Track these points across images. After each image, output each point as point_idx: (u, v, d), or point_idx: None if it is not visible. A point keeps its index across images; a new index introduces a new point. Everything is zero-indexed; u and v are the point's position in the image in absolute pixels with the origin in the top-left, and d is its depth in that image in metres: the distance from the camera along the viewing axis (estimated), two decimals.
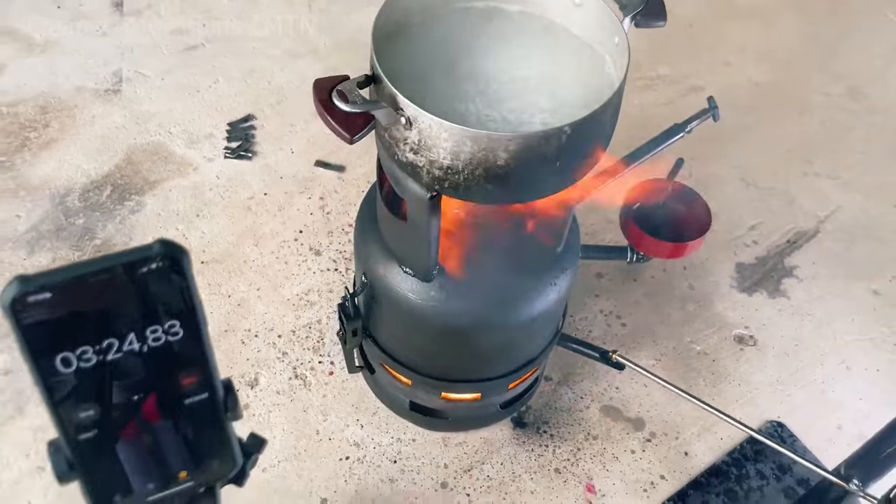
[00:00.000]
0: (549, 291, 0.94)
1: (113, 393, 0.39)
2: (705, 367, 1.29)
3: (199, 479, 0.44)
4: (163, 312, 0.38)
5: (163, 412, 0.41)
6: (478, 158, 0.72)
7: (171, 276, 0.37)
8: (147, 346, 0.38)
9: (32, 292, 0.35)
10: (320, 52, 1.71)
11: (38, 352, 0.36)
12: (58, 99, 1.55)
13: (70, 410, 0.38)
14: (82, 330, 0.36)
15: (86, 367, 0.37)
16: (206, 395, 0.41)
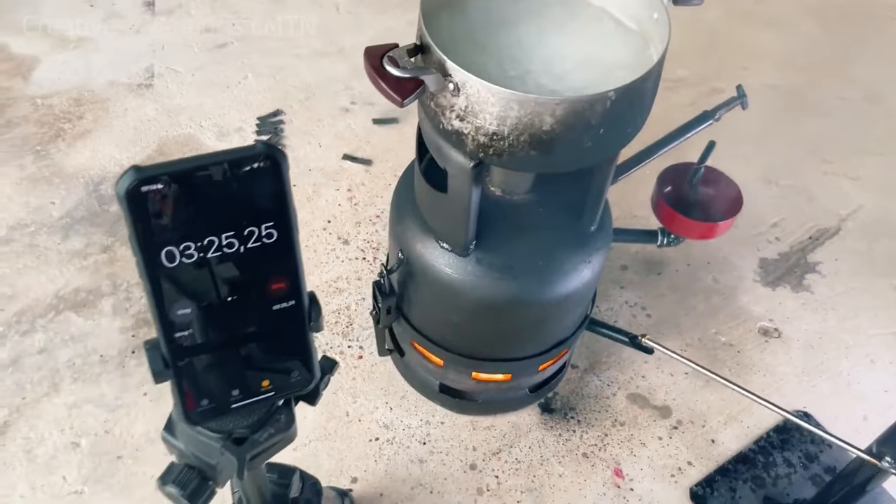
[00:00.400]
0: (583, 269, 0.96)
1: (209, 293, 0.40)
2: (730, 358, 1.30)
3: (280, 390, 0.45)
4: (260, 214, 0.40)
5: (252, 317, 0.42)
6: (524, 123, 0.74)
7: (270, 177, 0.39)
8: (243, 247, 0.40)
9: (146, 181, 0.36)
10: (347, 51, 1.75)
11: (146, 243, 0.38)
12: (91, 92, 1.59)
13: (169, 308, 0.40)
14: (187, 225, 0.38)
15: (187, 263, 0.39)
16: (293, 302, 0.43)
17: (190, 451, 0.49)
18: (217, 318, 0.41)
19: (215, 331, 0.42)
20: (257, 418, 0.47)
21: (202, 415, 0.44)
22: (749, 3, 2.02)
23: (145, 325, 1.24)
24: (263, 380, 0.45)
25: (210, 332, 0.42)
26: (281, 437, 0.48)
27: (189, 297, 0.40)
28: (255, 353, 0.44)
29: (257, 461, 0.48)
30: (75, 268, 1.30)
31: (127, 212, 0.37)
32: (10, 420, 1.12)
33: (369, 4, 1.87)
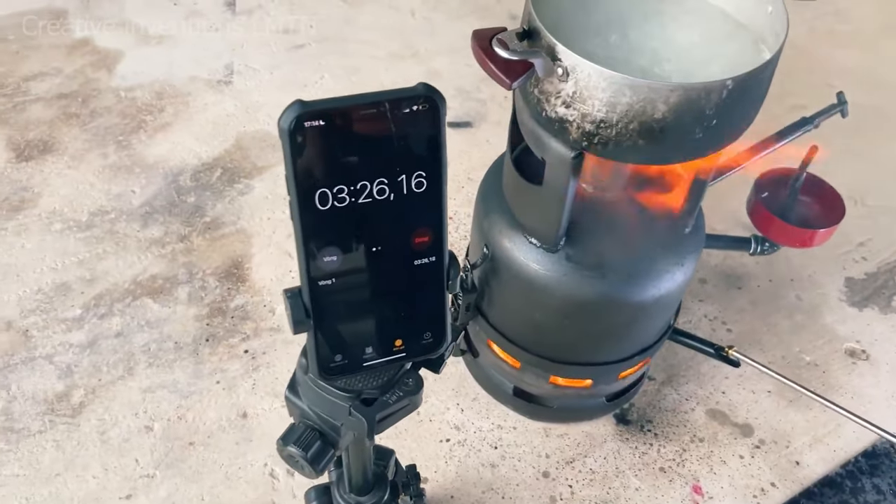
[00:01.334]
0: (675, 271, 0.93)
1: (355, 241, 0.39)
2: (816, 378, 1.24)
3: (412, 351, 0.43)
4: (413, 161, 0.38)
5: (393, 270, 0.41)
6: (634, 110, 0.71)
7: (427, 121, 0.38)
8: (393, 194, 0.38)
9: (309, 116, 0.35)
10: (422, 55, 1.75)
11: (302, 181, 0.37)
12: (172, 86, 1.61)
13: (316, 253, 0.39)
14: (342, 167, 0.37)
15: (338, 207, 0.38)
16: (434, 258, 0.41)
17: (314, 412, 0.48)
18: (359, 269, 0.40)
19: (356, 282, 0.40)
20: (387, 379, 0.46)
21: (335, 371, 0.42)
22: (831, 22, 1.97)
23: (219, 314, 1.24)
24: (397, 339, 0.43)
25: (351, 282, 0.40)
26: (409, 402, 0.46)
27: (336, 243, 0.39)
28: (392, 311, 0.42)
29: (385, 424, 0.47)
30: (153, 255, 1.31)
31: (287, 146, 0.36)
32: (85, 401, 1.12)
33: (444, 11, 1.88)
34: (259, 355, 1.19)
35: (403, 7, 1.88)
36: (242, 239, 1.35)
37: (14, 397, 1.12)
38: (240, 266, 1.31)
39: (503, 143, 1.51)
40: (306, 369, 0.46)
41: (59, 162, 1.44)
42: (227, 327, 1.23)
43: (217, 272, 1.30)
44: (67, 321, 1.21)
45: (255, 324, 1.23)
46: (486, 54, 0.73)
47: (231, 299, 1.26)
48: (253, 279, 1.30)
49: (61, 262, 1.29)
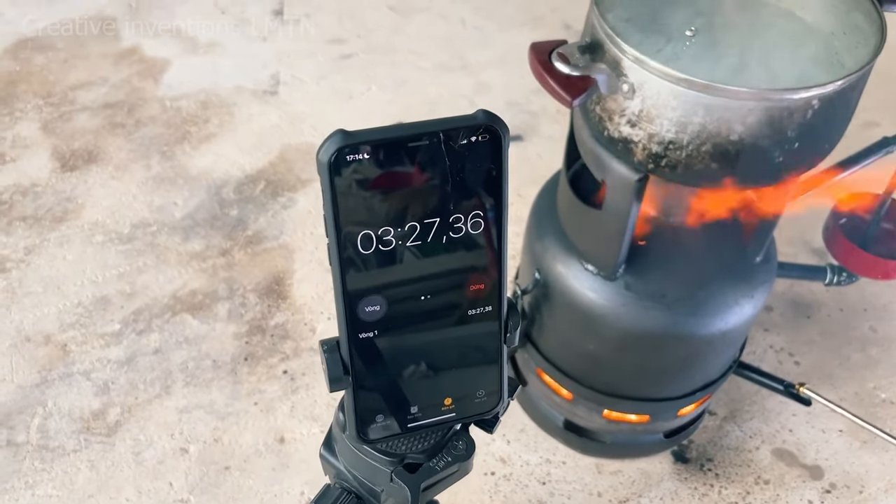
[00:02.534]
0: (744, 304, 0.85)
1: (402, 289, 0.34)
2: (892, 417, 1.15)
3: (463, 411, 0.38)
4: (470, 199, 0.33)
5: (445, 321, 0.35)
6: (708, 131, 0.65)
7: (487, 154, 0.32)
8: (446, 237, 0.33)
9: (352, 149, 0.30)
10: (472, 67, 1.70)
11: (344, 222, 0.31)
12: (218, 96, 1.59)
13: (357, 302, 0.33)
14: (389, 206, 0.32)
15: (384, 251, 0.32)
16: (490, 308, 0.35)
17: (352, 473, 0.42)
18: (406, 320, 0.35)
19: (402, 335, 0.35)
20: (434, 442, 0.40)
21: (376, 432, 0.37)
22: None
23: (258, 332, 1.20)
24: (446, 398, 0.37)
25: (397, 335, 0.35)
26: (458, 467, 0.41)
27: (379, 292, 0.33)
28: (442, 366, 0.36)
29: (430, 493, 0.41)
30: (193, 270, 1.28)
31: (327, 182, 0.31)
32: (121, 420, 1.09)
33: (496, 20, 1.82)
34: (298, 376, 1.15)
35: (453, 16, 1.83)
36: (284, 254, 1.32)
37: (50, 414, 1.10)
38: (281, 282, 1.28)
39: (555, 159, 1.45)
40: (344, 427, 0.41)
41: (104, 172, 1.43)
42: (266, 346, 1.19)
43: (258, 288, 1.26)
44: (106, 336, 1.19)
45: (294, 343, 1.19)
46: (544, 69, 0.67)
47: (271, 317, 1.23)
48: (294, 296, 1.26)
49: (101, 276, 1.26)
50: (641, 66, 0.64)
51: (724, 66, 0.63)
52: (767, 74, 0.63)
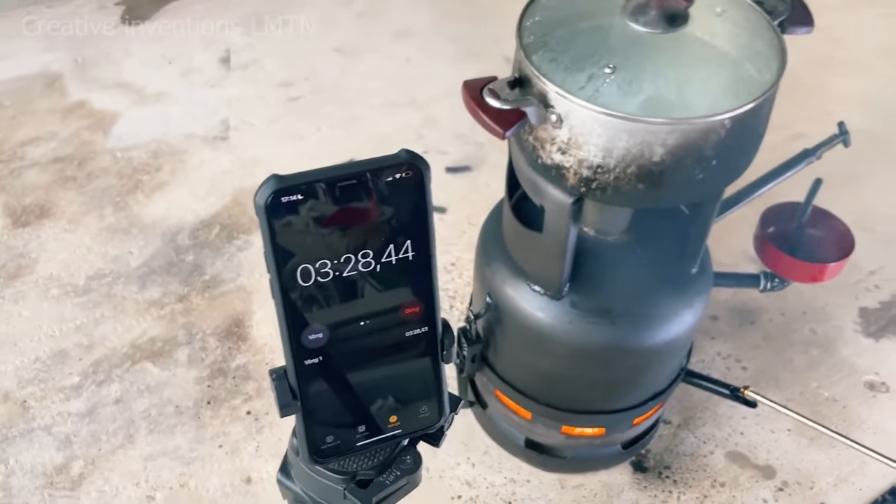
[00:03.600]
0: (685, 314, 0.90)
1: (341, 316, 0.37)
2: (836, 414, 1.20)
3: (408, 427, 0.41)
4: (399, 229, 0.36)
5: (384, 344, 0.38)
6: (632, 154, 0.70)
7: (411, 189, 0.36)
8: (379, 265, 0.36)
9: (286, 191, 0.33)
10: (419, 102, 1.74)
11: (282, 259, 0.35)
12: (169, 145, 1.61)
13: (300, 332, 0.36)
14: (324, 241, 0.35)
15: (322, 282, 0.36)
16: (426, 328, 0.39)
17: (308, 495, 0.45)
18: (348, 345, 0.38)
19: (345, 359, 0.38)
20: (383, 458, 0.43)
21: (326, 453, 0.40)
22: (828, 49, 1.96)
23: (220, 375, 1.22)
24: (391, 415, 0.40)
25: (340, 359, 0.38)
26: (407, 480, 0.43)
27: (321, 320, 0.37)
28: (384, 386, 0.40)
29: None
30: (152, 317, 1.29)
31: (265, 223, 0.34)
32: (85, 472, 1.09)
33: (440, 57, 1.88)
34: (262, 416, 1.16)
35: (399, 55, 1.88)
36: (242, 296, 1.33)
37: (13, 471, 1.09)
38: (240, 324, 1.29)
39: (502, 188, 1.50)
40: (297, 451, 0.43)
41: (56, 226, 1.43)
42: (228, 388, 1.20)
43: (217, 331, 1.27)
44: (66, 390, 1.19)
45: (257, 383, 1.21)
46: (477, 104, 0.71)
47: (232, 359, 1.24)
48: (254, 337, 1.27)
49: (59, 329, 1.26)
50: (566, 99, 0.68)
51: (641, 97, 0.68)
52: (681, 102, 0.68)
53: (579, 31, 0.74)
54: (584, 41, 0.73)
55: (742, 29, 0.75)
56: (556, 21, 0.76)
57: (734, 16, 0.77)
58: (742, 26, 0.76)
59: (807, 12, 0.80)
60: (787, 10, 0.79)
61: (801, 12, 0.80)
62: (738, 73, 0.72)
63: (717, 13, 0.78)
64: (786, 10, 0.79)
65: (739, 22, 0.76)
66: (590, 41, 0.73)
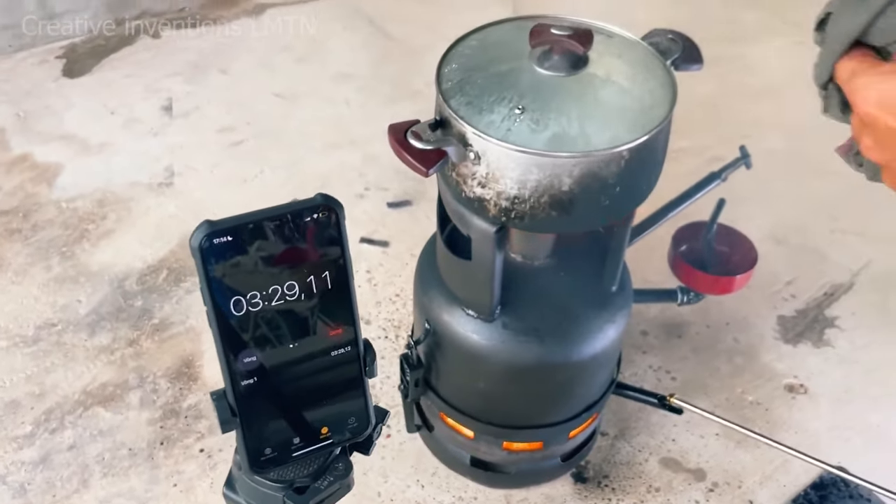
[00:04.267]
0: (607, 329, 0.97)
1: (272, 340, 0.42)
2: (759, 417, 1.29)
3: (338, 437, 0.46)
4: (319, 262, 0.42)
5: (312, 363, 0.44)
6: (543, 185, 0.77)
7: (328, 227, 0.42)
8: (304, 294, 0.42)
9: (217, 234, 0.39)
10: (359, 142, 1.81)
11: (216, 293, 0.40)
12: (113, 193, 1.64)
13: (236, 356, 0.42)
14: (253, 276, 0.41)
15: (253, 311, 0.41)
16: (349, 348, 0.45)
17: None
18: (279, 366, 0.43)
19: (278, 378, 0.44)
20: (317, 467, 0.48)
21: (265, 464, 0.45)
22: (741, 76, 2.09)
23: (172, 415, 1.24)
24: (323, 427, 0.46)
25: (273, 379, 0.43)
26: (340, 485, 0.49)
27: (254, 345, 0.42)
28: (315, 401, 0.45)
29: None
30: (102, 363, 1.31)
31: (199, 263, 0.39)
32: None
33: (378, 98, 1.96)
34: (215, 453, 1.19)
35: (338, 98, 1.95)
36: (192, 337, 1.37)
37: None
38: (191, 364, 1.32)
39: None
40: (240, 465, 0.48)
41: (3, 278, 1.45)
42: (181, 428, 1.23)
43: (168, 373, 1.30)
44: (18, 439, 1.20)
45: (209, 421, 1.24)
46: (401, 146, 0.78)
47: (184, 399, 1.27)
48: (205, 376, 1.30)
49: (9, 380, 1.28)
50: (482, 138, 0.76)
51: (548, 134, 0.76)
52: (584, 137, 0.76)
53: (492, 76, 0.82)
54: (496, 85, 0.81)
55: (637, 69, 0.84)
56: (471, 67, 0.84)
57: (630, 57, 0.86)
58: (637, 66, 0.84)
59: (697, 51, 0.90)
60: (678, 49, 0.88)
61: (692, 51, 0.89)
62: (634, 108, 0.80)
63: (615, 55, 0.87)
64: (678, 49, 0.88)
65: (635, 63, 0.85)
66: (501, 85, 0.80)
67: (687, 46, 0.90)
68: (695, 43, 0.91)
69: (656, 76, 0.84)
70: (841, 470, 1.16)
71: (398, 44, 2.16)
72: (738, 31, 2.29)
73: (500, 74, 0.82)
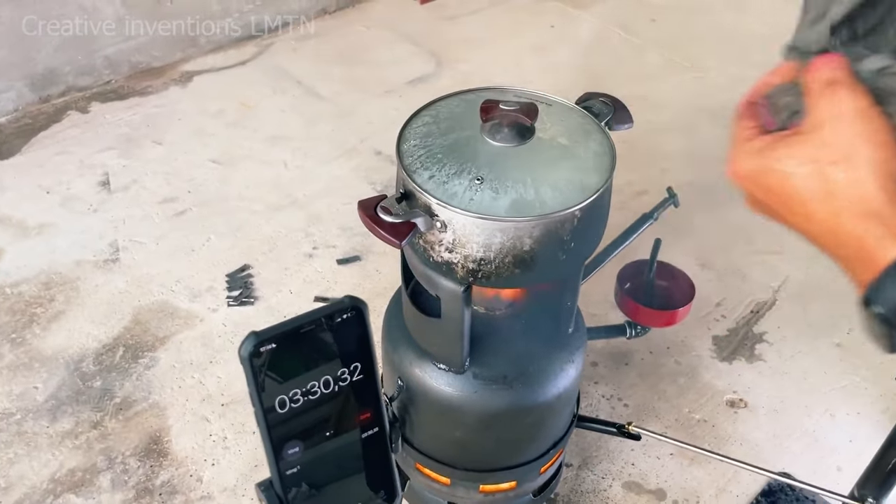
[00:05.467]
0: (569, 368, 1.05)
1: (311, 430, 0.48)
2: (707, 433, 1.39)
3: None
4: (350, 356, 0.48)
5: (346, 446, 0.49)
6: (507, 247, 0.84)
7: (356, 324, 0.47)
8: (338, 386, 0.47)
9: (263, 343, 0.44)
10: (301, 202, 1.86)
11: (264, 396, 0.45)
12: (59, 274, 1.63)
13: (281, 449, 0.47)
14: (295, 375, 0.46)
15: (295, 407, 0.46)
16: (377, 428, 0.50)
17: None
18: (319, 453, 0.48)
19: (318, 463, 0.49)
20: None
21: None
22: (649, 116, 2.24)
23: (146, 494, 1.25)
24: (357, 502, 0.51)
25: (314, 465, 0.48)
26: None
27: (297, 437, 0.47)
28: (350, 480, 0.50)
29: None
30: (68, 448, 1.31)
31: (249, 371, 0.44)
32: None
33: (314, 157, 2.01)
34: None
35: (275, 160, 1.99)
36: (157, 413, 1.37)
37: None
38: (159, 441, 1.33)
39: (392, 272, 1.63)
40: None
41: None
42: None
43: (137, 452, 1.31)
44: None
45: (184, 496, 1.25)
46: (373, 221, 0.84)
47: (156, 476, 1.27)
48: (174, 451, 1.31)
49: None
50: (448, 209, 0.82)
51: (507, 200, 0.83)
52: (540, 201, 0.84)
53: (448, 151, 0.89)
54: (454, 159, 0.88)
55: (577, 134, 0.93)
56: (428, 144, 0.91)
57: (570, 124, 0.95)
58: (577, 131, 0.94)
59: (626, 112, 1.00)
60: (610, 112, 0.98)
61: (622, 113, 1.00)
62: (580, 169, 0.89)
63: (556, 122, 0.95)
64: (609, 112, 0.98)
65: (575, 128, 0.94)
66: (459, 158, 0.88)
67: (617, 108, 1.00)
68: (624, 104, 1.01)
69: (594, 139, 0.93)
70: (785, 476, 1.26)
71: (328, 103, 2.23)
72: (643, 71, 2.46)
73: (456, 148, 0.90)
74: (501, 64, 2.46)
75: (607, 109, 0.99)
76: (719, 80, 2.42)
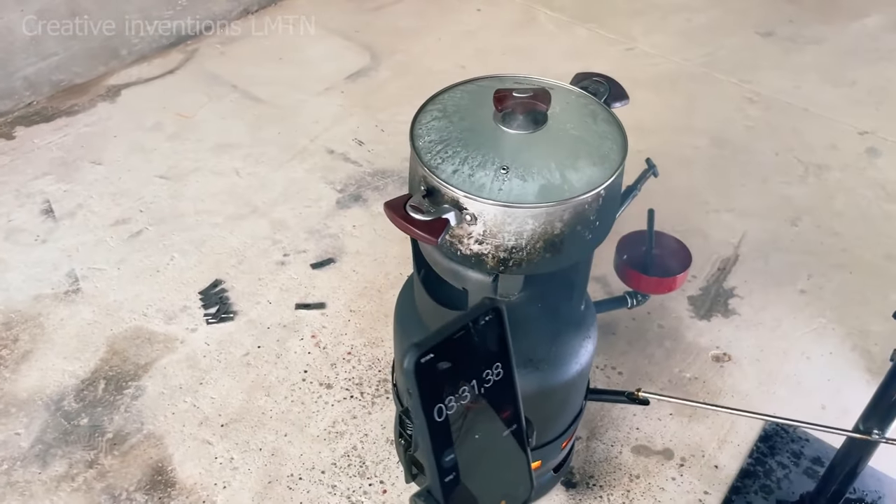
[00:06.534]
0: (586, 344, 1.07)
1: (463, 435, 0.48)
2: (699, 389, 1.45)
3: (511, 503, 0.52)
4: (492, 356, 0.48)
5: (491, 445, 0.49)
6: (538, 233, 0.85)
7: (496, 324, 0.47)
8: (483, 387, 0.48)
9: (424, 354, 0.44)
10: (261, 209, 1.81)
11: (427, 405, 0.45)
12: (18, 312, 1.54)
13: (440, 456, 0.47)
14: (450, 381, 0.46)
15: (450, 414, 0.46)
16: (516, 425, 0.50)
17: None
18: (470, 456, 0.48)
19: (469, 466, 0.49)
20: None
21: None
22: None
23: None
24: (501, 499, 0.51)
25: (466, 468, 0.48)
26: None
27: (452, 444, 0.47)
28: (496, 475, 0.50)
29: None
30: (66, 493, 1.24)
31: (415, 383, 0.44)
32: None
33: (266, 162, 1.96)
34: None
35: (225, 169, 1.93)
36: (154, 443, 1.32)
37: None
38: (162, 471, 1.28)
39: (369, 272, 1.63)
40: None
41: None
42: None
43: (142, 486, 1.25)
44: None
45: None
46: (406, 220, 0.83)
47: None
48: (181, 479, 1.27)
49: None
50: (478, 201, 0.83)
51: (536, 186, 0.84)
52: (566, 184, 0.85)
53: (466, 144, 0.89)
54: (474, 151, 0.88)
55: (586, 115, 0.95)
56: (445, 139, 0.90)
57: (575, 106, 0.97)
58: (585, 113, 0.95)
59: (621, 89, 1.02)
60: (606, 91, 1.01)
61: (617, 89, 1.02)
62: (597, 150, 0.90)
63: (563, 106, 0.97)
64: (605, 91, 1.01)
65: (581, 110, 0.96)
66: (480, 150, 0.88)
67: (612, 86, 1.02)
68: (617, 82, 1.04)
69: (601, 118, 0.95)
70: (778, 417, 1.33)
71: (268, 105, 2.17)
72: (576, 46, 2.51)
73: (473, 140, 0.90)
74: (438, 52, 2.46)
75: (603, 88, 1.01)
76: (647, 50, 2.50)
